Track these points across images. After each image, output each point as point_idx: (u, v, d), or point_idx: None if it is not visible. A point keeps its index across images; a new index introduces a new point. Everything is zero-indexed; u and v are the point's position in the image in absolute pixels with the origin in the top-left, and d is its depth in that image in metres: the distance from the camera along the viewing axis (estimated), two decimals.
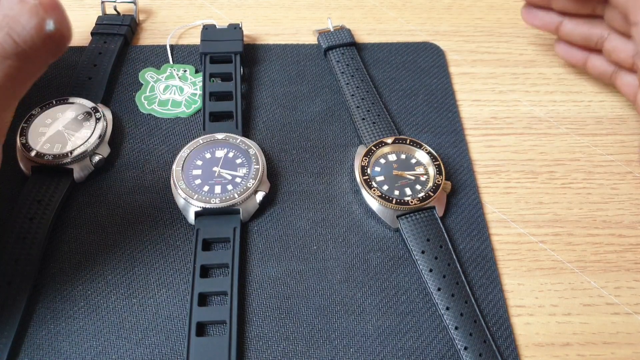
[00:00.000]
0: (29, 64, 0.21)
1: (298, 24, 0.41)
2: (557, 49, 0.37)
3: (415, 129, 0.35)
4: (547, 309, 0.29)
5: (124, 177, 0.32)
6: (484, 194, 0.33)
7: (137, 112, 0.35)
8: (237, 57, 0.36)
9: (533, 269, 0.30)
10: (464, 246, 0.30)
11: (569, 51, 0.37)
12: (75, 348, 0.26)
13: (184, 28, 0.40)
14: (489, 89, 0.38)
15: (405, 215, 0.30)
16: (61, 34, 0.20)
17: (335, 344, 0.27)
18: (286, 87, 0.37)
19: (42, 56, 0.21)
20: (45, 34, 0.20)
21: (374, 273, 0.29)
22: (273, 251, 0.30)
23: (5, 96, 0.21)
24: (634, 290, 0.29)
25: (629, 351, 0.27)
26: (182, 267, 0.29)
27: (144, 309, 0.28)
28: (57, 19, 0.20)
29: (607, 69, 0.35)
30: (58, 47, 0.21)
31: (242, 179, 0.31)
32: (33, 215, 0.29)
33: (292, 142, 0.34)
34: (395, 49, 0.39)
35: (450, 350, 0.27)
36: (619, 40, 0.32)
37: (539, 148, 0.35)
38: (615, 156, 0.35)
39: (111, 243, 0.30)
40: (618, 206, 0.32)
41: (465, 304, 0.28)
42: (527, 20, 0.37)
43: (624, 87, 0.34)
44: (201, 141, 0.32)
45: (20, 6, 0.19)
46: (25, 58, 0.20)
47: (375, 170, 0.32)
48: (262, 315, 0.28)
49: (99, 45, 0.37)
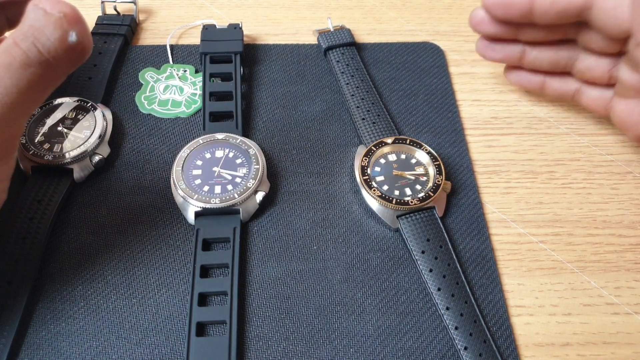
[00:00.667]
0: (51, 73, 0.22)
1: (298, 24, 0.41)
2: (510, 77, 0.36)
3: (415, 129, 0.35)
4: (547, 309, 0.29)
5: (124, 177, 0.32)
6: (484, 194, 0.33)
7: (137, 112, 0.35)
8: (237, 57, 0.36)
9: (533, 269, 0.30)
10: (464, 246, 0.30)
11: (524, 78, 0.35)
12: (75, 348, 0.26)
13: (184, 28, 0.40)
14: (489, 89, 0.38)
15: (405, 215, 0.30)
16: (82, 46, 0.22)
17: (335, 344, 0.27)
18: (286, 87, 0.37)
19: (63, 66, 0.22)
20: (68, 45, 0.21)
21: (374, 273, 0.29)
22: (273, 251, 0.30)
23: (25, 102, 0.22)
24: (634, 290, 0.29)
25: (629, 351, 0.27)
26: (182, 267, 0.29)
27: (144, 309, 0.28)
28: (80, 32, 0.21)
29: (569, 88, 0.34)
30: (79, 58, 0.22)
31: (242, 179, 0.31)
32: (33, 215, 0.29)
33: (292, 142, 0.34)
34: (395, 49, 0.39)
35: (450, 350, 0.27)
36: (591, 59, 0.32)
37: (539, 148, 0.35)
38: (615, 156, 0.35)
39: (111, 243, 0.30)
40: (618, 206, 0.32)
41: (465, 304, 0.28)
42: (486, 55, 0.35)
43: (592, 103, 0.33)
44: (201, 141, 0.32)
45: (46, 18, 0.21)
46: (48, 67, 0.21)
47: (375, 170, 0.32)
48: (262, 315, 0.28)
49: (99, 45, 0.37)
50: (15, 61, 0.21)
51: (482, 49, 0.35)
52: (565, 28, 0.32)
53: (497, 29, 0.33)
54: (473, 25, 0.34)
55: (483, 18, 0.33)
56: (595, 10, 0.29)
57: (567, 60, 0.33)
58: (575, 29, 0.31)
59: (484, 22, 0.33)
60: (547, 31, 0.32)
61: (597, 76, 0.32)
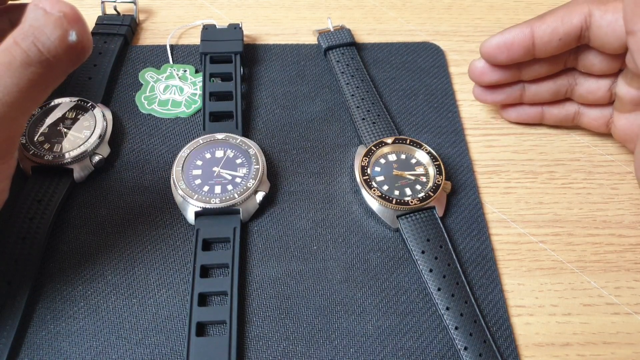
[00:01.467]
0: (51, 72, 0.22)
1: (298, 24, 0.41)
2: (509, 115, 0.35)
3: (415, 129, 0.35)
4: (547, 309, 0.29)
5: (124, 177, 0.32)
6: (484, 194, 0.33)
7: (137, 112, 0.35)
8: (237, 57, 0.36)
9: (533, 269, 0.30)
10: (464, 246, 0.30)
11: (524, 113, 0.35)
12: (75, 348, 0.26)
13: (184, 28, 0.40)
14: None
15: (405, 215, 0.30)
16: (82, 45, 0.22)
17: (335, 344, 0.27)
18: (286, 87, 0.37)
19: (63, 65, 0.22)
20: (68, 45, 0.21)
21: (374, 273, 0.29)
22: (273, 251, 0.30)
23: (26, 101, 0.22)
24: (634, 290, 0.29)
25: (629, 351, 0.27)
26: (182, 267, 0.29)
27: (144, 309, 0.28)
28: (80, 31, 0.21)
29: (568, 112, 0.34)
30: (79, 57, 0.22)
31: (242, 179, 0.31)
32: (33, 215, 0.29)
33: (292, 142, 0.34)
34: (395, 49, 0.39)
35: (450, 350, 0.27)
36: (591, 82, 0.32)
37: (539, 148, 0.35)
38: (615, 156, 0.35)
39: (111, 243, 0.30)
40: (618, 206, 0.32)
41: (465, 304, 0.28)
42: (487, 100, 0.34)
43: (593, 122, 0.33)
44: (201, 141, 0.32)
45: (46, 17, 0.21)
46: (48, 66, 0.21)
47: (375, 170, 0.32)
48: (262, 315, 0.28)
49: (99, 45, 0.37)
50: (15, 60, 0.21)
51: (481, 95, 0.35)
52: (566, 56, 0.32)
53: (500, 75, 0.33)
54: (474, 77, 0.33)
55: (483, 68, 0.33)
56: (595, 29, 0.29)
57: (567, 88, 0.33)
58: (574, 55, 0.31)
59: (484, 72, 0.33)
60: (548, 64, 0.32)
61: (598, 97, 0.32)
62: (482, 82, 0.33)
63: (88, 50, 0.22)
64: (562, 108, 0.34)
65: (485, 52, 0.32)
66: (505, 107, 0.35)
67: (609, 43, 0.29)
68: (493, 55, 0.31)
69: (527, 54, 0.31)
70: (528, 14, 0.42)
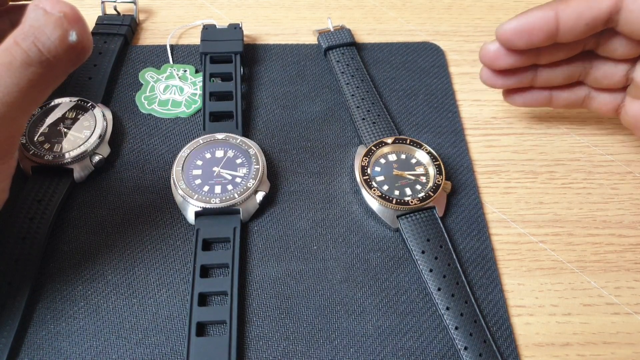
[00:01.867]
0: (51, 72, 0.22)
1: (298, 24, 0.41)
2: (514, 100, 0.33)
3: (415, 129, 0.35)
4: (547, 309, 0.29)
5: (124, 177, 0.32)
6: (484, 194, 0.33)
7: (137, 112, 0.35)
8: (237, 57, 0.36)
9: (533, 269, 0.30)
10: (464, 246, 0.30)
11: (531, 97, 0.33)
12: (75, 348, 0.26)
13: (184, 28, 0.40)
14: (489, 89, 0.38)
15: (405, 215, 0.30)
16: (83, 45, 0.22)
17: (335, 344, 0.27)
18: (286, 87, 0.37)
19: (63, 65, 0.22)
20: (68, 45, 0.21)
21: (374, 273, 0.29)
22: (273, 251, 0.30)
23: (26, 101, 0.22)
24: (634, 290, 0.29)
25: (629, 351, 0.27)
26: (182, 267, 0.29)
27: (144, 309, 0.28)
28: (80, 31, 0.21)
29: (578, 96, 0.33)
30: (78, 57, 0.22)
31: (242, 179, 0.31)
32: (33, 215, 0.29)
33: (292, 142, 0.34)
34: (395, 49, 0.39)
35: (450, 350, 0.27)
36: (608, 66, 0.30)
37: (539, 148, 0.35)
38: (615, 156, 0.35)
39: (111, 243, 0.30)
40: (618, 206, 0.32)
41: (465, 304, 0.28)
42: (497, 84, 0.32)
43: (602, 107, 0.32)
44: (201, 141, 0.32)
45: (46, 18, 0.21)
46: (48, 66, 0.21)
47: (375, 170, 0.32)
48: (262, 315, 0.28)
49: (99, 45, 0.37)
50: (15, 60, 0.21)
51: (491, 79, 0.32)
52: (586, 39, 0.30)
53: (515, 59, 0.30)
54: (486, 61, 0.31)
55: (497, 52, 0.30)
56: (626, 13, 0.27)
57: (581, 71, 0.31)
58: (596, 38, 0.29)
59: (499, 56, 0.30)
60: (568, 48, 0.30)
61: (614, 82, 0.31)
62: (494, 66, 0.31)
63: (88, 51, 0.22)
64: (571, 92, 0.33)
65: (503, 36, 0.29)
66: (510, 92, 0.33)
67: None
68: (511, 40, 0.29)
69: (549, 39, 0.28)
70: None
